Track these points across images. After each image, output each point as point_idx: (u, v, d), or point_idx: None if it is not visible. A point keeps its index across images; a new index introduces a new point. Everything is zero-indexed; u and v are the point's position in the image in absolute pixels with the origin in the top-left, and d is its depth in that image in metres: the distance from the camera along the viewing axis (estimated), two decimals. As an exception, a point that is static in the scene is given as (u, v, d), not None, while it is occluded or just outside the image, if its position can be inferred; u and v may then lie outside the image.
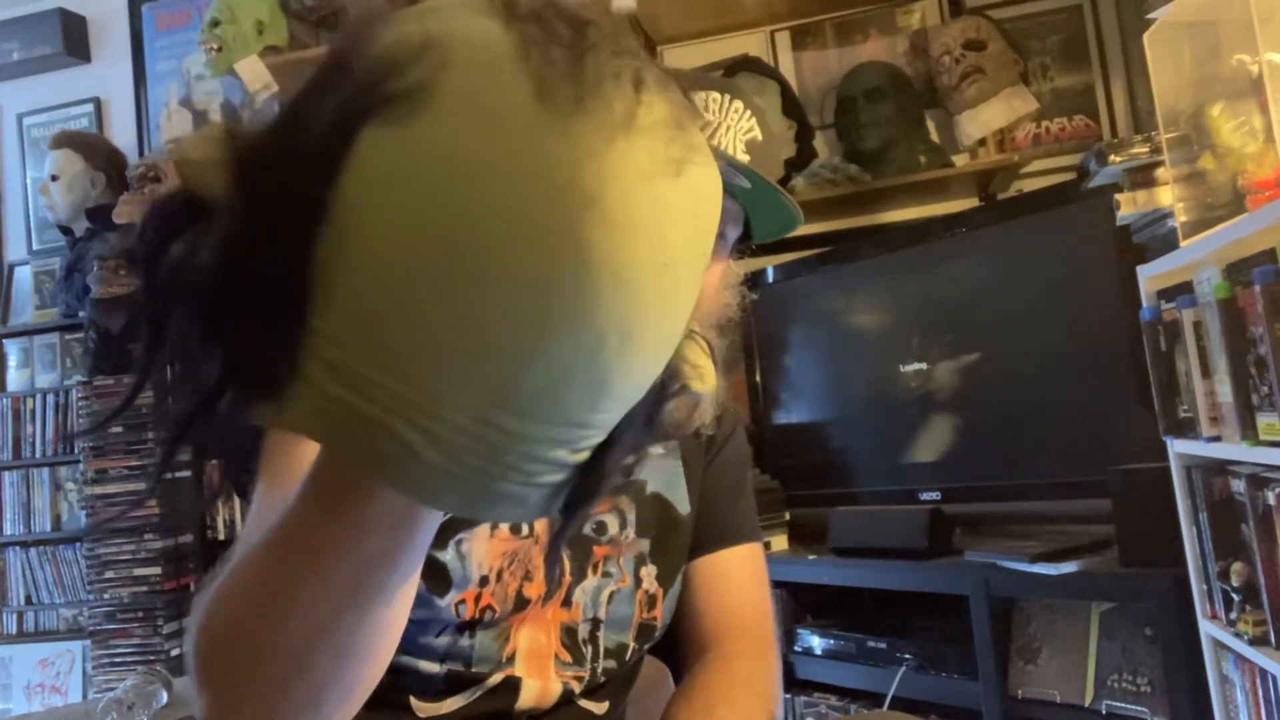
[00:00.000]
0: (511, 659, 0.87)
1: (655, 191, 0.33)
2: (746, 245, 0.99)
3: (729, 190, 0.91)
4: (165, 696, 2.01)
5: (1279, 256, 1.30)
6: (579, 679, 0.89)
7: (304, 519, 0.42)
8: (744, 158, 0.90)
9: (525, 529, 0.88)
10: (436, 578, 0.83)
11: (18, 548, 3.14)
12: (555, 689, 0.87)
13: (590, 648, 0.90)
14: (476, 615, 0.84)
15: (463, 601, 0.84)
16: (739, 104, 0.92)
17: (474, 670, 0.85)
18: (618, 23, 0.35)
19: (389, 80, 0.32)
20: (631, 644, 0.92)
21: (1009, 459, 2.13)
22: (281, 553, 0.43)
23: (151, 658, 2.69)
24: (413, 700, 0.85)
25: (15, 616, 3.19)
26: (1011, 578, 1.88)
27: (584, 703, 0.91)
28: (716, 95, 0.92)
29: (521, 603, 0.86)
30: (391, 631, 0.48)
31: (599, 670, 0.90)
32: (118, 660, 2.75)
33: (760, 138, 0.93)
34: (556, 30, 0.33)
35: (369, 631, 0.45)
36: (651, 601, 0.94)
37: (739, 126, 0.91)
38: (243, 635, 0.46)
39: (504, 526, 0.87)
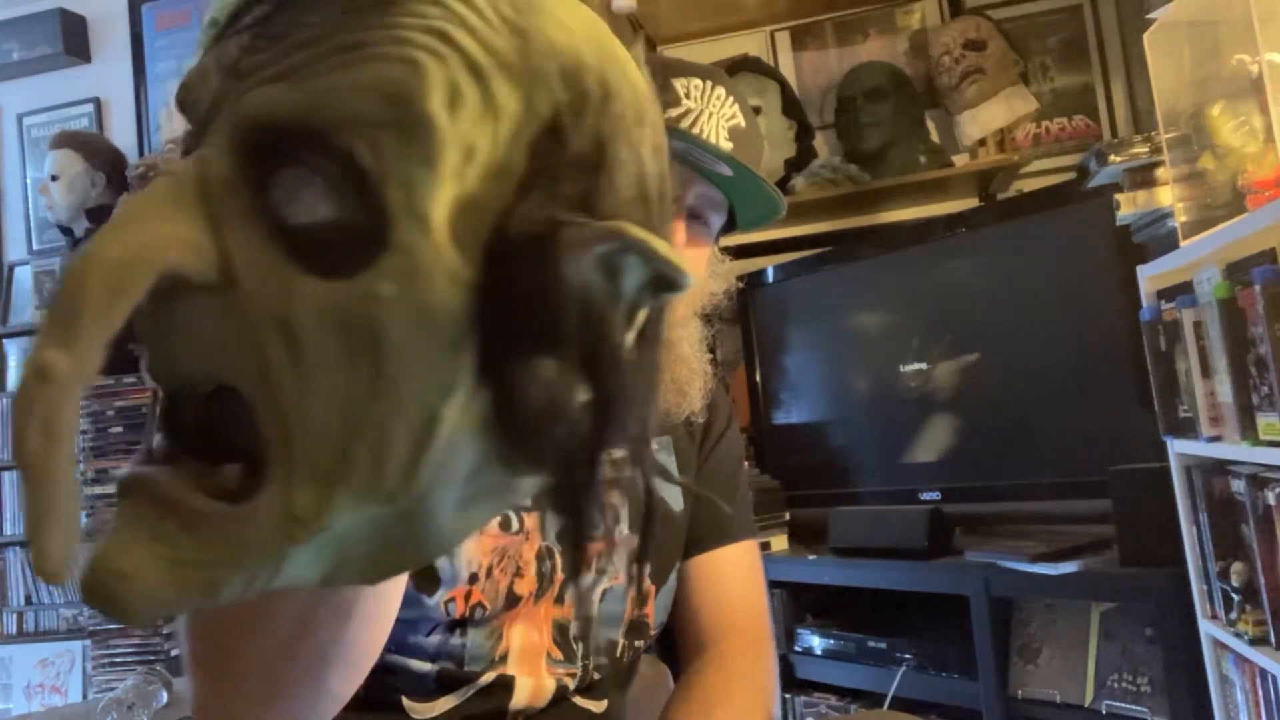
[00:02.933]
0: (504, 658, 0.86)
1: None
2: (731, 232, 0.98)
3: (711, 179, 0.91)
4: (165, 696, 2.01)
5: (1279, 256, 1.30)
6: (571, 676, 0.89)
7: None
8: (727, 145, 0.89)
9: (515, 524, 0.87)
10: (425, 576, 0.82)
11: (18, 548, 3.14)
12: (549, 687, 0.87)
13: (581, 645, 0.90)
14: (467, 613, 0.83)
15: (452, 600, 0.83)
16: (721, 90, 0.91)
17: (466, 669, 0.85)
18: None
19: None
20: (622, 641, 0.92)
21: (1009, 459, 2.13)
22: None
23: (151, 658, 2.68)
24: (405, 700, 0.85)
25: (15, 616, 3.19)
26: (1011, 578, 1.88)
27: (581, 701, 0.91)
28: (698, 82, 0.91)
29: (513, 600, 0.85)
30: (395, 590, 0.47)
31: (591, 667, 0.90)
32: (118, 660, 2.75)
33: (743, 124, 0.92)
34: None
35: (372, 589, 0.44)
36: (643, 599, 0.93)
37: (721, 113, 0.90)
38: (235, 613, 0.45)
39: (493, 522, 0.86)
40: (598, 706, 0.92)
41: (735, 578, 1.01)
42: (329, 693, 0.48)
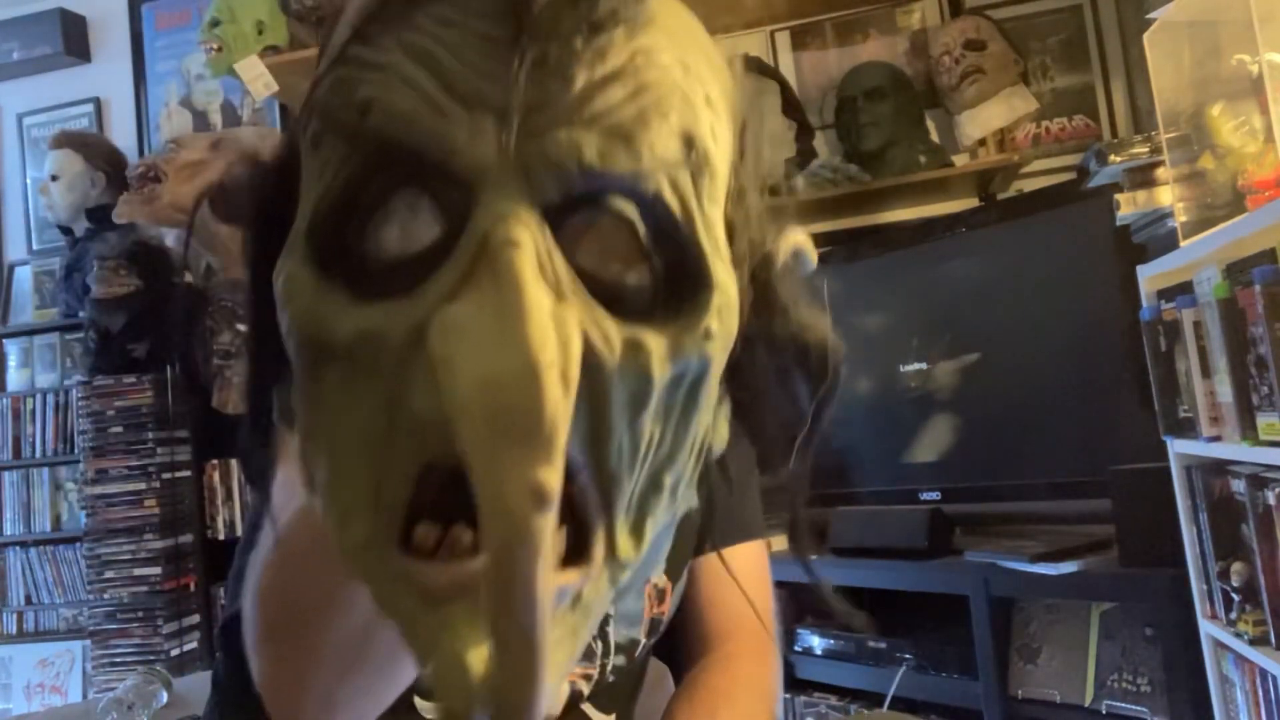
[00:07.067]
0: None
1: None
2: None
3: None
4: (165, 696, 2.01)
5: (1279, 256, 1.29)
6: (587, 677, 0.88)
7: None
8: None
9: None
10: None
11: (18, 548, 3.14)
12: (564, 689, 0.87)
13: (600, 643, 0.89)
14: None
15: None
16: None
17: None
18: None
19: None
20: (642, 639, 0.92)
21: (1009, 459, 2.13)
22: None
23: (151, 658, 2.68)
24: (417, 700, 0.85)
25: (15, 616, 3.18)
26: (1011, 578, 1.88)
27: (590, 710, 0.90)
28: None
29: None
30: None
31: (609, 667, 0.89)
32: (118, 660, 2.75)
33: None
34: None
35: None
36: (661, 595, 0.93)
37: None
38: (319, 589, 0.44)
39: None
40: (607, 718, 0.91)
41: (744, 577, 1.00)
42: (398, 680, 0.48)
